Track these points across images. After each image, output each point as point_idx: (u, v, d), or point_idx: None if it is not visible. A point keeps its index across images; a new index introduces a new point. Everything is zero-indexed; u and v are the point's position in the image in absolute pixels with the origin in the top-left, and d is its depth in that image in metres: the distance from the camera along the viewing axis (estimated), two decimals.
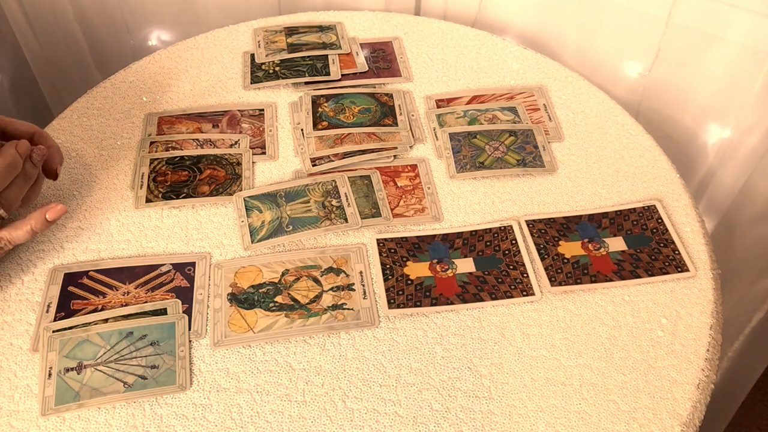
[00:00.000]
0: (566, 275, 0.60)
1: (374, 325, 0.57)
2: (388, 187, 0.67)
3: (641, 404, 0.53)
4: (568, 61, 0.88)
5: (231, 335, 0.56)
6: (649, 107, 0.86)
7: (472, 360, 0.55)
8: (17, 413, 0.51)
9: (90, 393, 0.52)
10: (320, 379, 0.54)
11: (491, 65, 0.81)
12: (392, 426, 0.51)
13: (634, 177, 0.69)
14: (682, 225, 0.64)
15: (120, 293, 0.58)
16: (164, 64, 0.80)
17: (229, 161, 0.69)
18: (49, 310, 0.57)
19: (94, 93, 0.76)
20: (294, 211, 0.64)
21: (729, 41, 0.74)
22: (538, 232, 0.63)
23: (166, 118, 0.74)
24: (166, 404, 0.52)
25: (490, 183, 0.68)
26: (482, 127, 0.73)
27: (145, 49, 0.98)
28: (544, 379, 0.54)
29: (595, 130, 0.74)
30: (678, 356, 0.55)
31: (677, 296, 0.59)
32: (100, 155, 0.70)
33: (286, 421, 0.52)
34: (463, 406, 0.52)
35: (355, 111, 0.74)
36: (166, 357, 0.54)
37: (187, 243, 0.63)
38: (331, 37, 0.83)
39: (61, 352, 0.54)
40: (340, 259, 0.61)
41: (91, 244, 0.62)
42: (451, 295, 0.59)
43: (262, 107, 0.75)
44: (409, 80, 0.79)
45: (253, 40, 0.84)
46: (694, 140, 0.84)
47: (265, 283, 0.59)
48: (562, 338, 0.56)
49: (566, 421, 0.52)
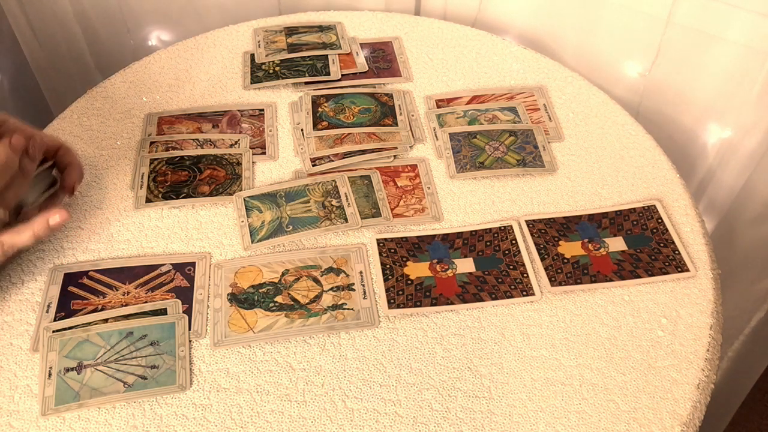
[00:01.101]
0: (566, 275, 0.60)
1: (374, 325, 0.57)
2: (388, 187, 0.67)
3: (641, 404, 0.53)
4: (568, 61, 0.88)
5: (231, 335, 0.56)
6: (649, 107, 0.86)
7: (472, 360, 0.55)
8: (17, 413, 0.51)
9: (90, 393, 0.52)
10: (320, 379, 0.54)
11: (491, 65, 0.81)
12: (392, 426, 0.51)
13: (634, 177, 0.69)
14: (682, 225, 0.64)
15: (120, 293, 0.58)
16: (164, 64, 0.80)
17: (229, 161, 0.69)
18: (49, 310, 0.57)
19: (94, 93, 0.76)
20: (294, 211, 0.64)
21: (729, 41, 0.74)
22: (538, 232, 0.63)
23: (166, 118, 0.74)
24: (166, 404, 0.52)
25: (490, 183, 0.68)
26: (482, 127, 0.73)
27: (145, 49, 0.98)
28: (544, 379, 0.54)
29: (595, 130, 0.74)
30: (678, 356, 0.55)
31: (677, 296, 0.59)
32: (100, 155, 0.70)
33: (286, 421, 0.52)
34: (463, 406, 0.52)
35: (355, 111, 0.74)
36: (166, 357, 0.54)
37: (187, 243, 0.63)
38: (331, 37, 0.83)
39: (61, 352, 0.54)
40: (340, 259, 0.61)
41: (91, 244, 0.62)
42: (451, 295, 0.59)
43: (262, 107, 0.75)
44: (409, 80, 0.79)
45: (253, 40, 0.83)
46: (694, 140, 0.84)
47: (265, 283, 0.59)
48: (562, 338, 0.56)
49: (566, 421, 0.52)
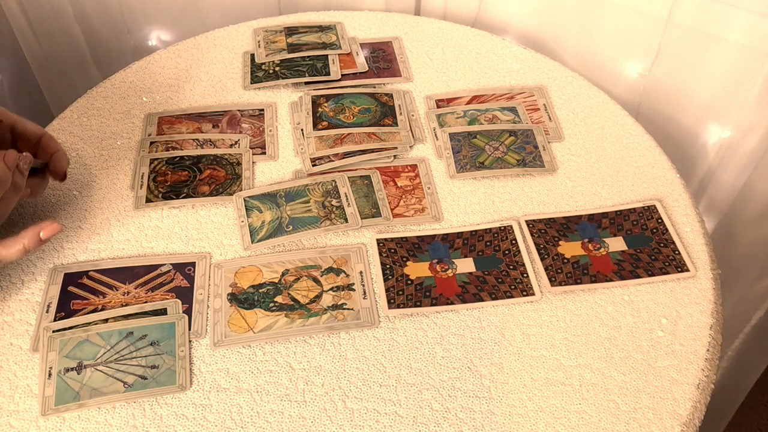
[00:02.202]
0: (566, 275, 0.60)
1: (374, 325, 0.57)
2: (388, 187, 0.67)
3: (641, 404, 0.53)
4: (568, 61, 0.88)
5: (231, 335, 0.56)
6: (649, 107, 0.86)
7: (472, 360, 0.55)
8: (17, 413, 0.51)
9: (90, 393, 0.52)
10: (320, 379, 0.54)
11: (491, 65, 0.81)
12: (392, 426, 0.51)
13: (634, 177, 0.69)
14: (682, 225, 0.64)
15: (120, 293, 0.58)
16: (164, 64, 0.80)
17: (229, 161, 0.69)
18: (49, 310, 0.57)
19: (94, 93, 0.76)
20: (294, 211, 0.64)
21: (729, 41, 0.74)
22: (538, 232, 0.63)
23: (166, 118, 0.74)
24: (166, 404, 0.52)
25: (490, 183, 0.68)
26: (482, 127, 0.73)
27: (145, 49, 0.98)
28: (544, 379, 0.54)
29: (595, 130, 0.74)
30: (678, 356, 0.55)
31: (677, 296, 0.59)
32: (100, 155, 0.70)
33: (286, 421, 0.52)
34: (463, 406, 0.52)
35: (355, 111, 0.74)
36: (166, 357, 0.54)
37: (187, 243, 0.63)
38: (331, 37, 0.83)
39: (61, 352, 0.54)
40: (340, 259, 0.61)
41: (91, 244, 0.62)
42: (451, 295, 0.59)
43: (262, 107, 0.75)
44: (409, 80, 0.79)
45: (253, 40, 0.83)
46: (694, 140, 0.84)
47: (265, 283, 0.59)
48: (562, 338, 0.56)
49: (566, 421, 0.52)
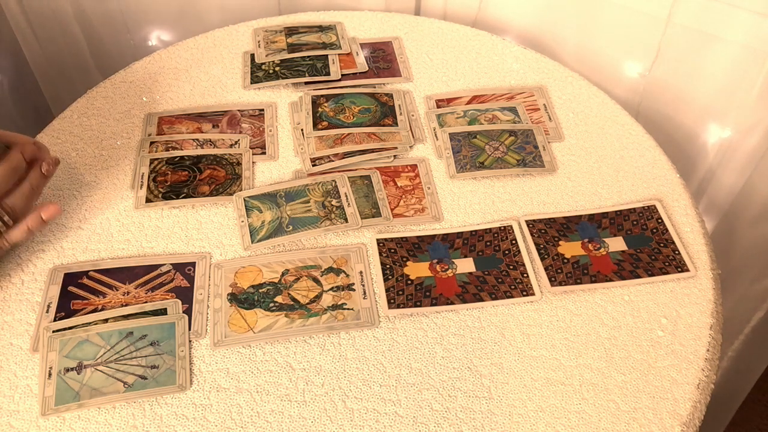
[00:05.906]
0: (566, 275, 0.60)
1: (374, 325, 0.57)
2: (388, 187, 0.67)
3: (641, 404, 0.53)
4: (568, 61, 0.88)
5: (231, 335, 0.56)
6: (649, 107, 0.86)
7: (472, 360, 0.55)
8: (17, 413, 0.51)
9: (90, 393, 0.52)
10: (320, 379, 0.54)
11: (491, 65, 0.81)
12: (392, 426, 0.51)
13: (634, 177, 0.69)
14: (682, 225, 0.64)
15: (120, 293, 0.58)
16: (164, 64, 0.80)
17: (229, 161, 0.69)
18: (49, 310, 0.57)
19: (94, 93, 0.76)
20: (294, 211, 0.64)
21: (729, 41, 0.74)
22: (538, 232, 0.63)
23: (166, 118, 0.74)
24: (166, 404, 0.52)
25: (490, 183, 0.68)
26: (482, 127, 0.73)
27: (145, 49, 0.98)
28: (544, 379, 0.54)
29: (595, 130, 0.74)
30: (678, 356, 0.55)
31: (677, 296, 0.59)
32: (100, 155, 0.70)
33: (286, 421, 0.52)
34: (463, 406, 0.52)
35: (355, 111, 0.74)
36: (166, 357, 0.54)
37: (187, 243, 0.63)
38: (331, 37, 0.83)
39: (61, 352, 0.54)
40: (340, 259, 0.61)
41: (91, 244, 0.62)
42: (451, 295, 0.59)
43: (262, 107, 0.75)
44: (409, 80, 0.79)
45: (253, 40, 0.83)
46: (694, 140, 0.84)
47: (265, 283, 0.59)
48: (562, 338, 0.56)
49: (566, 421, 0.52)
